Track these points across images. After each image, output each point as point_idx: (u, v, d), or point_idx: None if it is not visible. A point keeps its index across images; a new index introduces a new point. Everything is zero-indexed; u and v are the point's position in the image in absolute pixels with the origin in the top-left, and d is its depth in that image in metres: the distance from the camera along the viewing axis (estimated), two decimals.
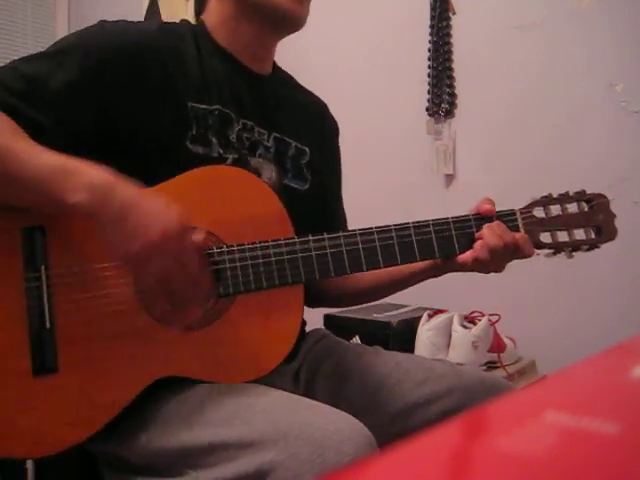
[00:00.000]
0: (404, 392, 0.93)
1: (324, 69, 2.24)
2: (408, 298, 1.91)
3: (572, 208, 0.95)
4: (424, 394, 0.92)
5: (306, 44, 2.39)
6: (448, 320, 1.66)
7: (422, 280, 1.01)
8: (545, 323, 1.83)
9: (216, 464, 0.73)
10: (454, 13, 2.03)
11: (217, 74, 0.94)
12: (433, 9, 2.04)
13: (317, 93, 1.15)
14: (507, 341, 1.73)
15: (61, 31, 2.94)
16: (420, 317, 1.70)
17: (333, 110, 1.16)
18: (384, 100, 2.17)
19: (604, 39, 1.76)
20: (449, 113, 2.04)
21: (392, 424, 0.91)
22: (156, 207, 0.73)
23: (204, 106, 0.90)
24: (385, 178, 2.14)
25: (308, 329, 1.09)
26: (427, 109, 2.07)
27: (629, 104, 1.73)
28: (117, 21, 0.90)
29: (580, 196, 0.95)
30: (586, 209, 0.95)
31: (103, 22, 0.89)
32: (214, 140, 0.90)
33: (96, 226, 0.74)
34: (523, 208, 0.94)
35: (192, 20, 1.03)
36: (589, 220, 0.95)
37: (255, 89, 0.99)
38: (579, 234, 0.95)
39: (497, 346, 1.66)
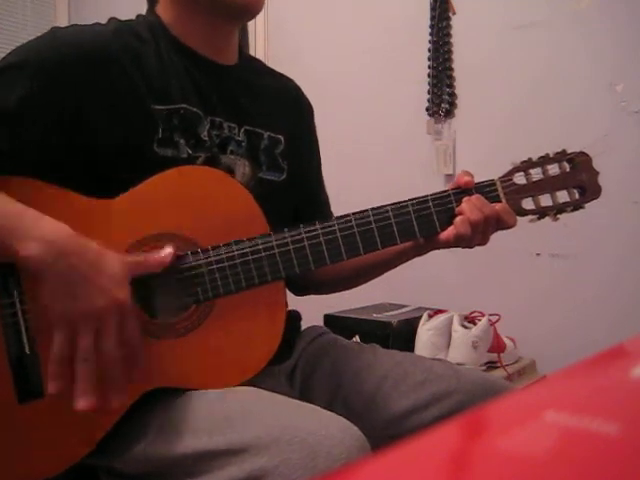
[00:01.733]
0: (402, 394, 0.92)
1: (324, 69, 2.24)
2: (408, 298, 1.92)
3: (553, 170, 0.92)
4: (423, 396, 0.91)
5: (306, 44, 2.39)
6: (448, 320, 1.66)
7: (406, 261, 0.99)
8: (545, 323, 1.83)
9: (209, 471, 0.72)
10: (454, 13, 2.03)
11: (178, 71, 0.91)
12: (433, 9, 2.04)
13: (317, 93, 1.14)
14: (507, 341, 1.73)
15: None
16: (420, 317, 1.70)
17: (333, 110, 1.16)
18: (384, 100, 2.17)
19: (604, 39, 1.76)
20: (449, 113, 2.04)
21: (391, 426, 0.90)
22: (108, 279, 0.71)
23: (168, 106, 0.88)
24: (385, 178, 2.14)
25: (305, 326, 1.07)
26: (427, 109, 2.07)
27: (629, 104, 1.73)
28: (69, 27, 0.87)
29: (561, 156, 0.92)
30: (568, 169, 0.92)
31: (54, 30, 0.86)
32: (181, 141, 0.88)
33: (39, 281, 0.71)
34: (503, 176, 0.92)
35: None
36: (572, 180, 0.92)
37: (220, 82, 0.96)
38: (562, 196, 0.92)
39: (497, 346, 1.66)
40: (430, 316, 1.69)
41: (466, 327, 1.64)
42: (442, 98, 2.05)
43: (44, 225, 0.71)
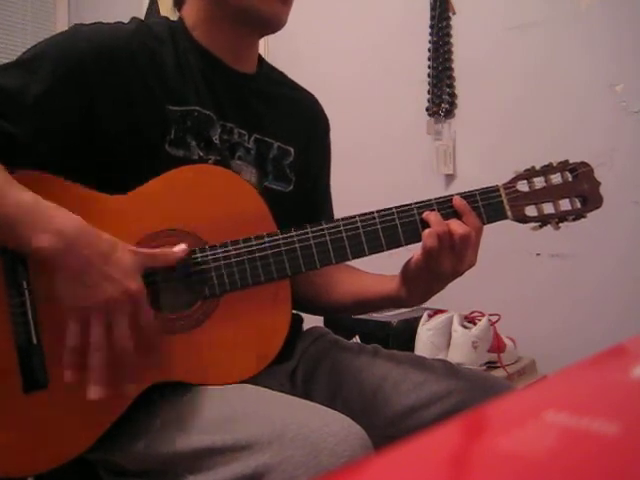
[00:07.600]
0: (403, 394, 0.92)
1: (324, 70, 2.24)
2: None
3: (556, 179, 0.93)
4: (423, 396, 0.91)
5: (306, 44, 2.39)
6: (448, 320, 1.66)
7: (383, 308, 1.07)
8: (545, 323, 1.83)
9: (212, 468, 0.73)
10: (454, 13, 2.03)
11: (194, 74, 0.92)
12: (433, 9, 2.04)
13: (317, 94, 1.14)
14: (507, 341, 1.73)
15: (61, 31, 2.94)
16: (420, 317, 1.70)
17: (333, 110, 1.15)
18: (384, 100, 2.17)
19: (604, 39, 1.76)
20: (449, 113, 2.04)
21: (391, 426, 0.91)
22: (121, 269, 0.72)
23: (182, 107, 0.89)
24: (385, 178, 2.14)
25: (306, 327, 1.08)
26: (427, 109, 2.07)
27: (629, 104, 1.73)
28: (91, 24, 0.88)
29: (563, 166, 0.93)
30: (570, 179, 0.93)
31: (77, 26, 0.87)
32: (193, 142, 0.89)
33: (52, 272, 0.71)
34: (506, 183, 0.93)
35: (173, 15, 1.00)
36: (574, 190, 0.93)
37: (236, 88, 0.97)
38: (565, 204, 0.93)
39: (497, 346, 1.66)
40: (430, 316, 1.69)
41: (466, 327, 1.64)
42: (442, 98, 2.05)
43: (57, 216, 0.72)
